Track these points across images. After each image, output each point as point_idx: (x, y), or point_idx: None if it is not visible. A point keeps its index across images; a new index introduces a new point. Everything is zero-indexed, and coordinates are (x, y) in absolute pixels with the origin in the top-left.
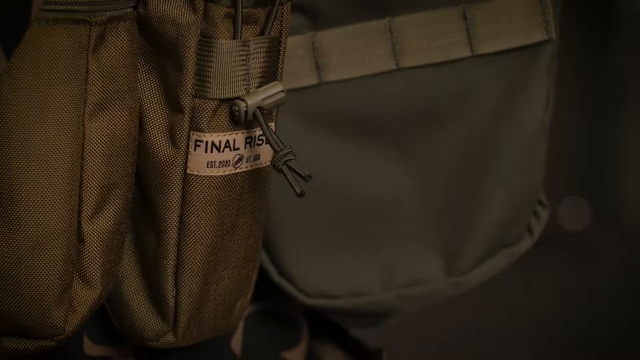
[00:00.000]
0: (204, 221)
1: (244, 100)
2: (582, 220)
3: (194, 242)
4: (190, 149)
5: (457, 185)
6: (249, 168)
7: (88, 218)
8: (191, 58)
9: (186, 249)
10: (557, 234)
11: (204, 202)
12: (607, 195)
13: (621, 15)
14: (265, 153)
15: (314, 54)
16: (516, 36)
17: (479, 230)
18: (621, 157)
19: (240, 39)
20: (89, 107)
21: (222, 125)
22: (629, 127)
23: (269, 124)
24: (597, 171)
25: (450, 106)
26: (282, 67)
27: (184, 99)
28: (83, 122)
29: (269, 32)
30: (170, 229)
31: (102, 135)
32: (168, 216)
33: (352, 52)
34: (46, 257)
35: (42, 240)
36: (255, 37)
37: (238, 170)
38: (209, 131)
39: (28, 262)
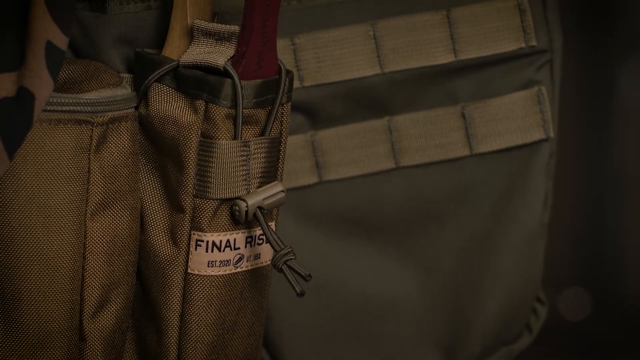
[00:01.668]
0: (204, 320)
1: (244, 201)
2: (582, 310)
3: (195, 341)
4: (191, 249)
5: (456, 284)
6: (249, 267)
7: (89, 317)
8: (192, 158)
9: (187, 348)
10: (557, 323)
11: (204, 302)
12: (607, 284)
13: (622, 107)
14: (266, 252)
15: (314, 153)
16: (514, 135)
17: (478, 328)
18: (621, 245)
19: (241, 139)
20: (91, 207)
21: (223, 225)
22: (629, 216)
23: (270, 224)
24: (596, 260)
25: (449, 205)
26: (283, 166)
27: (185, 199)
28: (85, 221)
29: (270, 133)
30: (171, 327)
31: (104, 234)
32: (169, 315)
33: (352, 152)
34: (48, 355)
35: (44, 339)
36: (256, 137)
37: (239, 269)
38: (210, 231)
39: None
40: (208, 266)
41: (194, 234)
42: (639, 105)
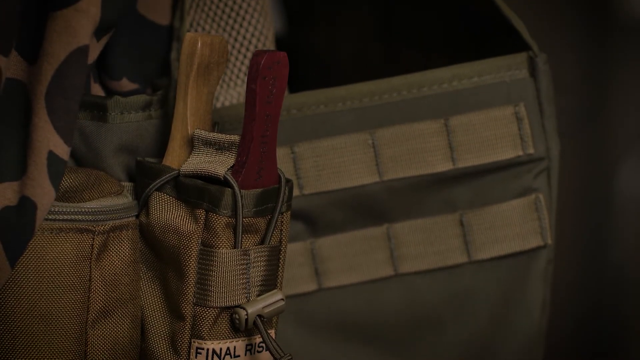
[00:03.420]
0: None
1: (244, 309)
2: None
3: None
4: (191, 357)
5: None
6: None
7: None
8: (192, 267)
9: None
10: None
11: None
12: None
13: (620, 211)
14: None
15: (314, 260)
16: (512, 242)
17: None
18: (622, 348)
19: (241, 248)
20: (92, 315)
21: (223, 333)
22: (629, 319)
23: (269, 332)
24: (596, 354)
25: (447, 311)
26: (282, 274)
27: (185, 307)
28: (86, 329)
29: (269, 241)
30: None
31: (105, 342)
32: None
33: (351, 259)
34: None
35: None
36: (256, 246)
37: None
38: (210, 339)
39: None
40: None
41: (194, 342)
42: (637, 209)
